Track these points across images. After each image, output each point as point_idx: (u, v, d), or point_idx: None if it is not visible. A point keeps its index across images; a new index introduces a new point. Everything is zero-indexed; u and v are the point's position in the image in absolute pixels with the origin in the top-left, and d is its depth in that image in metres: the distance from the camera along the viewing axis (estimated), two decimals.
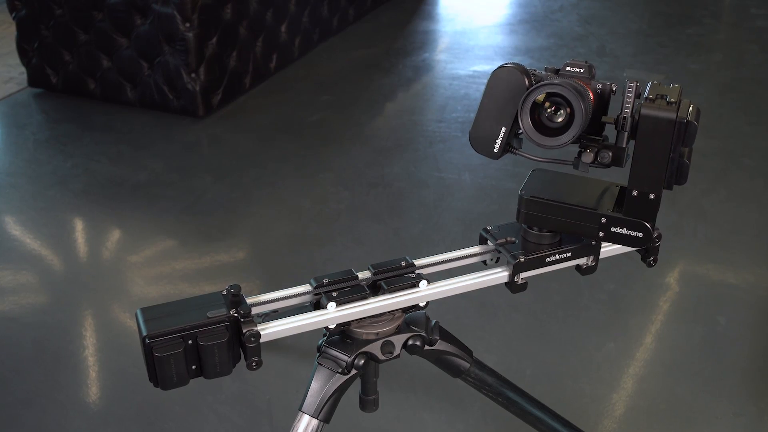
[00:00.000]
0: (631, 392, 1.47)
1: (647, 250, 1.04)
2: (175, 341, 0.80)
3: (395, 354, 0.96)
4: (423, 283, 0.92)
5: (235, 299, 0.84)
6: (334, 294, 0.90)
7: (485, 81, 0.85)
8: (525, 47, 3.33)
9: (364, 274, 0.94)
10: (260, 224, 2.05)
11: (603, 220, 0.90)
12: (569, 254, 0.95)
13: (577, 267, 0.97)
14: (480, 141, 0.87)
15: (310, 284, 0.93)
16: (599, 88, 0.87)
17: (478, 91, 0.89)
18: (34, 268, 1.87)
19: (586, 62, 0.87)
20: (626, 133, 0.85)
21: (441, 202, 2.12)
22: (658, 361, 1.55)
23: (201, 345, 0.80)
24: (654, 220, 0.90)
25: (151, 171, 2.32)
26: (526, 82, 0.83)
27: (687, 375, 1.51)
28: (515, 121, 0.84)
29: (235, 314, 0.83)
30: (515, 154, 0.88)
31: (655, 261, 1.04)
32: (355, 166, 2.33)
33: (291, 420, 0.96)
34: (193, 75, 2.54)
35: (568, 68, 0.86)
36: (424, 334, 0.98)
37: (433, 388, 1.47)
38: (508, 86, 0.83)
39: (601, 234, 0.91)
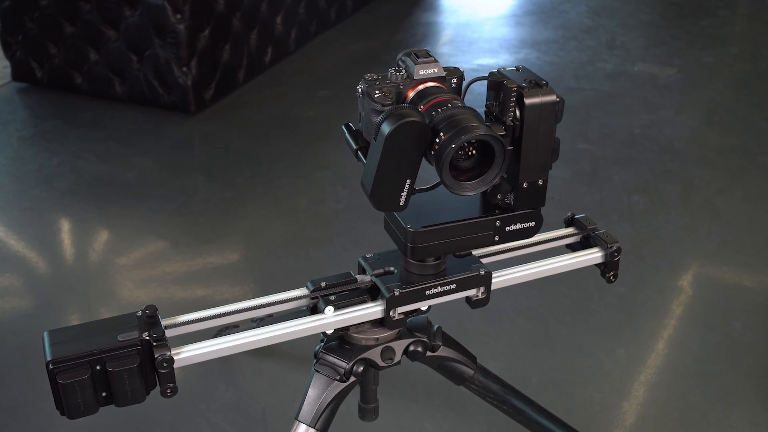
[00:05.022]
0: (642, 400, 1.48)
1: (606, 264, 1.01)
2: (82, 367, 0.78)
3: (396, 360, 0.97)
4: None
5: (150, 321, 0.82)
6: (332, 298, 0.91)
7: None
8: (531, 40, 3.33)
9: (363, 277, 0.95)
10: (255, 225, 2.05)
11: (497, 223, 0.88)
12: (453, 286, 0.91)
13: (467, 299, 0.94)
14: (384, 200, 0.81)
15: (307, 287, 0.93)
16: (455, 83, 0.85)
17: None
18: (19, 271, 1.87)
19: (429, 56, 0.83)
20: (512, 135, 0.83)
21: None
22: (671, 368, 1.55)
23: (109, 371, 0.79)
24: (544, 203, 0.88)
25: (140, 169, 2.32)
26: (429, 131, 0.79)
27: (701, 382, 1.51)
28: (418, 168, 0.80)
29: (147, 337, 0.81)
30: (416, 193, 0.84)
31: (614, 276, 1.01)
32: (353, 164, 2.32)
33: (287, 429, 0.96)
34: (184, 69, 2.54)
35: (421, 71, 0.82)
36: (425, 339, 0.99)
37: (436, 396, 1.47)
38: (410, 138, 0.78)
39: (496, 238, 0.89)
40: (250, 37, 2.82)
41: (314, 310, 0.92)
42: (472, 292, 0.93)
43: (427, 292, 0.90)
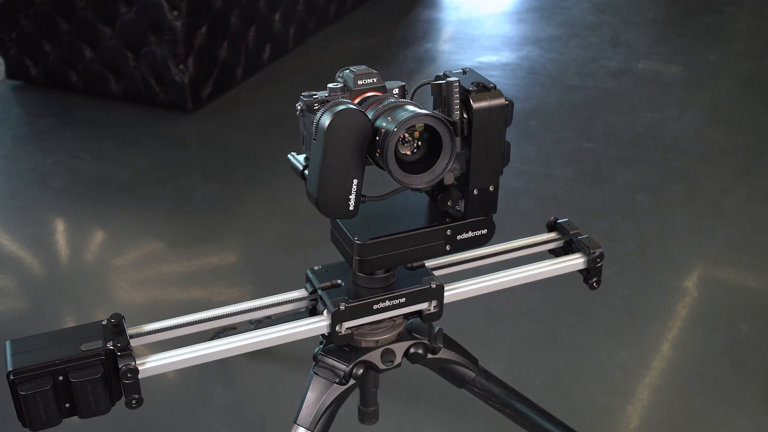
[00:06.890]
0: (646, 403, 1.48)
1: (588, 271, 1.00)
2: (43, 377, 0.77)
3: (396, 363, 0.97)
4: None
5: (116, 330, 0.82)
6: None
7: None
8: (534, 37, 3.33)
9: None
10: (253, 225, 2.06)
11: (448, 232, 0.87)
12: (403, 300, 0.90)
13: (419, 313, 0.93)
14: (332, 204, 0.80)
15: (306, 289, 0.94)
16: (396, 93, 0.84)
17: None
18: (13, 272, 1.87)
19: (368, 68, 0.83)
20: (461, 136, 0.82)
21: None
22: (675, 370, 1.55)
23: (72, 381, 0.78)
24: (495, 209, 0.87)
25: (137, 169, 2.32)
26: (370, 124, 0.77)
27: (706, 385, 1.51)
28: (363, 167, 0.79)
29: (111, 347, 0.80)
30: (366, 201, 0.83)
31: (598, 283, 1.00)
32: None
33: None
34: (181, 66, 2.54)
35: (359, 81, 0.82)
36: (426, 341, 0.99)
37: (437, 398, 1.47)
38: (351, 131, 0.76)
39: (448, 247, 0.87)
40: (248, 35, 2.82)
41: (313, 311, 0.92)
42: (423, 306, 0.92)
43: (375, 306, 0.89)
